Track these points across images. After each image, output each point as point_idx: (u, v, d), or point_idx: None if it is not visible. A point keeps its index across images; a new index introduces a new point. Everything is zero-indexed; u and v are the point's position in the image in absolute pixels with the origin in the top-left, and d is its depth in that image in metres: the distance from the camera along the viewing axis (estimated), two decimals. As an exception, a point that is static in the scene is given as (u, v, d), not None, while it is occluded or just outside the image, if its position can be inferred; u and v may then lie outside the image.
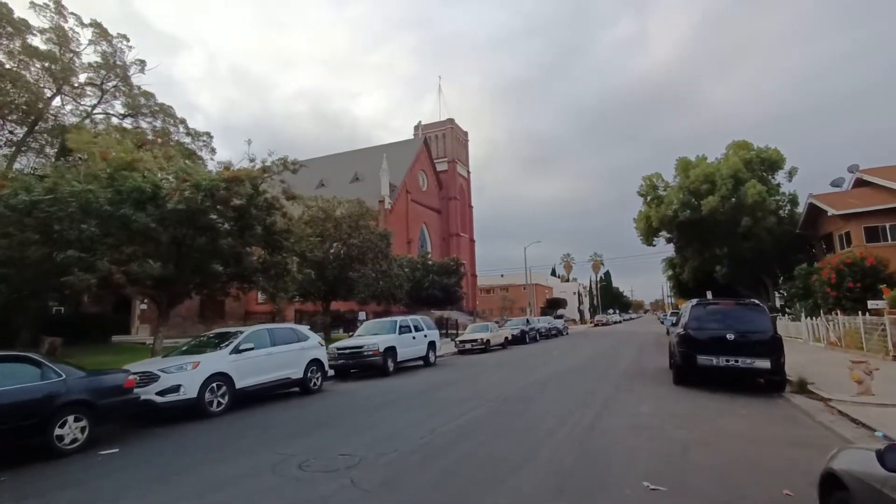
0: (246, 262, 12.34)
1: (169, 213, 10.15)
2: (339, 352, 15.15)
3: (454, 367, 17.06)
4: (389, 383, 13.29)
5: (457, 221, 59.48)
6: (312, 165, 61.04)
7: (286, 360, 11.11)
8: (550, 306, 79.11)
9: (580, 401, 8.97)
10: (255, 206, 11.71)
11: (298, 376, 11.41)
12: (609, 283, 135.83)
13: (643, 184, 32.68)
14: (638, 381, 11.58)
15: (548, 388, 10.78)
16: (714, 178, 27.33)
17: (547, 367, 15.25)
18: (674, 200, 29.75)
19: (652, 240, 33.15)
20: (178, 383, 8.65)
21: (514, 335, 29.38)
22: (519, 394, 10.14)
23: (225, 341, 10.17)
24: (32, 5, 18.17)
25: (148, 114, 19.26)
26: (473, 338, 24.53)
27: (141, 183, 10.02)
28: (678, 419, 7.27)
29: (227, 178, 11.02)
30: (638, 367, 14.57)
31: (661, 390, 10.16)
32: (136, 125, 18.91)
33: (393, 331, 16.27)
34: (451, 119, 62.17)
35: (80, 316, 23.60)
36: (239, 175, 11.29)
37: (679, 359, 10.60)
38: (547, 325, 38.04)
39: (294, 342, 11.60)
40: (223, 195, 10.85)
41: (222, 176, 11.08)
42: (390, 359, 15.44)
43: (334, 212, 26.96)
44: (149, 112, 19.25)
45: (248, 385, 9.94)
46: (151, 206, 10.10)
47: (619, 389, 10.30)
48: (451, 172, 60.54)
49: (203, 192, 10.39)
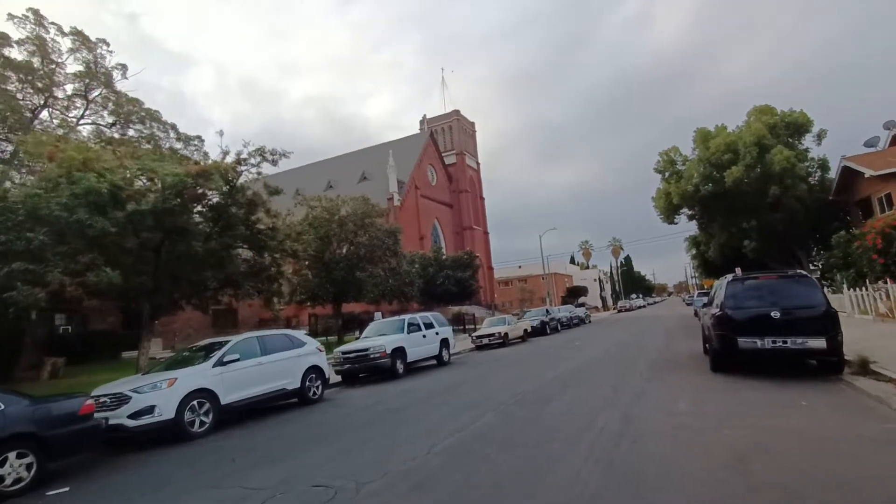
0: (230, 266, 11.42)
1: (130, 217, 9.28)
2: (344, 356, 14.24)
3: (469, 365, 16.00)
4: (397, 387, 12.31)
5: (469, 214, 58.30)
6: (320, 168, 60.65)
7: (280, 370, 10.18)
8: (571, 295, 77.48)
9: (606, 399, 7.81)
10: (234, 203, 10.81)
11: (295, 386, 10.48)
12: (630, 267, 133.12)
13: (660, 160, 31.01)
14: (670, 370, 10.35)
15: (569, 386, 9.64)
16: (736, 146, 25.61)
17: (568, 361, 14.08)
18: (694, 174, 28.10)
19: (673, 218, 31.49)
20: (152, 404, 7.76)
21: (534, 327, 28.17)
22: (536, 394, 9.02)
23: (211, 353, 9.28)
24: (11, 17, 17.65)
25: (136, 121, 18.60)
26: (490, 332, 23.43)
27: (95, 184, 9.16)
28: (724, 417, 6.08)
29: (194, 173, 10.10)
30: (668, 354, 13.30)
31: (697, 380, 8.94)
32: (123, 133, 18.29)
33: (401, 330, 15.28)
34: (456, 110, 60.89)
35: (87, 334, 23.21)
36: (207, 169, 10.35)
37: (716, 343, 9.34)
38: (568, 315, 36.69)
39: (288, 349, 10.68)
40: (192, 193, 9.93)
41: (189, 171, 10.16)
42: (399, 360, 14.45)
43: (339, 211, 26.10)
44: (136, 119, 18.60)
45: (236, 400, 9.03)
46: (113, 210, 9.26)
47: (650, 382, 9.10)
48: (459, 165, 59.32)
49: (168, 190, 9.49)
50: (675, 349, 14.23)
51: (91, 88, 18.04)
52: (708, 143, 27.21)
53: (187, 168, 10.12)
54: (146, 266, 10.31)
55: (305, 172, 58.79)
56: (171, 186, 9.56)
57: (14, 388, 15.36)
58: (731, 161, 25.57)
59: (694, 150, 29.37)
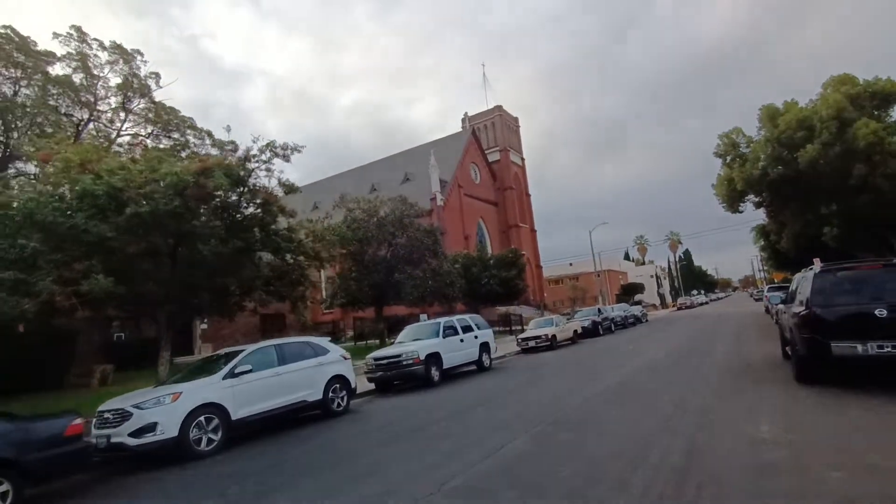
0: (244, 271, 10.85)
1: (130, 220, 8.85)
2: (375, 362, 13.46)
3: (511, 372, 14.80)
4: (430, 398, 11.35)
5: (515, 212, 56.64)
6: (364, 172, 60.99)
7: (299, 381, 9.47)
8: (626, 292, 73.99)
9: (664, 420, 6.46)
10: (247, 203, 10.25)
11: (317, 398, 9.73)
12: (690, 262, 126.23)
13: (720, 143, 28.24)
14: (743, 380, 8.75)
15: (620, 400, 8.29)
16: (811, 122, 22.73)
17: (621, 367, 12.59)
18: (760, 156, 25.27)
19: (737, 206, 28.57)
20: (154, 421, 7.19)
21: (585, 327, 26.46)
22: (578, 411, 7.76)
23: (223, 364, 8.68)
24: (56, 35, 18.31)
25: (172, 129, 18.82)
26: (537, 334, 22.02)
27: (90, 185, 8.79)
28: (828, 451, 4.63)
29: (194, 171, 9.55)
30: (739, 359, 11.54)
31: (780, 394, 7.37)
32: (157, 143, 18.58)
33: (436, 334, 14.32)
34: (498, 106, 59.40)
35: (141, 341, 23.89)
36: (208, 166, 9.79)
37: (803, 348, 7.71)
38: (622, 314, 34.52)
39: (309, 358, 9.96)
40: (194, 192, 9.39)
41: (189, 169, 9.64)
42: (434, 367, 13.50)
43: (377, 212, 25.56)
44: (173, 127, 18.81)
45: (250, 415, 8.36)
46: (115, 214, 8.91)
47: (720, 397, 7.61)
48: (503, 161, 57.80)
49: (169, 189, 8.99)
50: (747, 353, 12.41)
51: (129, 99, 18.43)
52: (776, 120, 24.39)
53: (188, 166, 9.64)
54: (158, 273, 9.93)
55: (350, 177, 59.33)
56: (171, 186, 9.08)
57: (64, 394, 15.82)
58: (804, 139, 22.72)
59: (759, 130, 26.46)
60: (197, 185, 9.15)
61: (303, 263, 12.67)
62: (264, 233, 11.22)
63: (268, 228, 11.26)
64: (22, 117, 15.57)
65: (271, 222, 11.29)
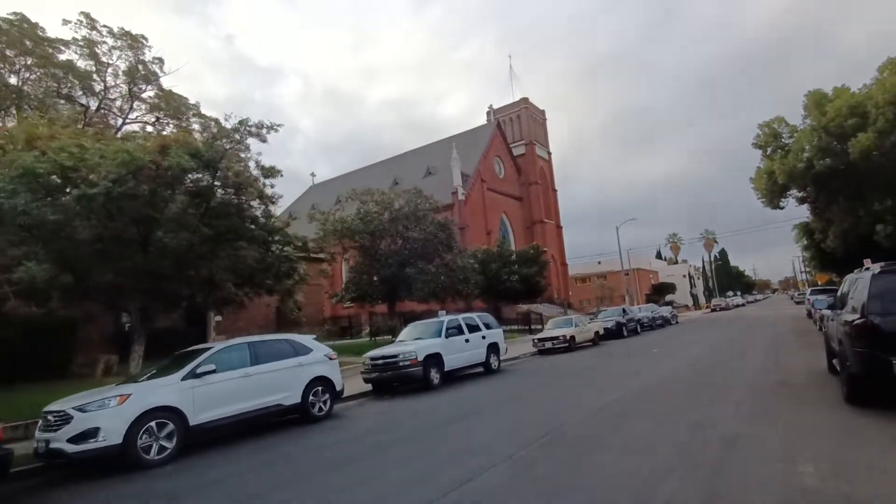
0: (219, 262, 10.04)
1: (78, 202, 8.14)
2: (371, 362, 12.58)
3: (519, 376, 13.69)
4: (423, 403, 10.40)
5: (539, 207, 55.01)
6: (387, 165, 60.42)
7: (274, 382, 8.66)
8: (656, 292, 71.28)
9: (678, 450, 5.28)
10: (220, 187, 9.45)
11: (295, 401, 8.90)
12: (726, 262, 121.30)
13: (760, 133, 26.18)
14: (780, 399, 7.41)
15: (630, 417, 7.11)
16: (865, 108, 20.60)
17: (639, 375, 11.31)
18: (805, 147, 23.21)
19: (778, 201, 26.48)
20: (96, 426, 6.46)
21: (608, 329, 24.98)
22: (581, 429, 6.63)
23: (185, 363, 7.92)
24: (66, 22, 18.11)
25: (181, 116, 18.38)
26: (554, 335, 20.74)
27: (31, 164, 8.10)
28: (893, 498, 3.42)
29: (152, 149, 8.77)
30: (776, 371, 10.10)
31: (825, 419, 6.07)
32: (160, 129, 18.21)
33: (438, 334, 13.33)
34: (524, 98, 57.77)
35: (151, 331, 23.78)
36: (166, 143, 9.00)
37: (856, 364, 6.37)
38: (650, 315, 32.70)
39: (288, 357, 9.14)
40: (149, 172, 8.61)
41: (146, 147, 8.88)
42: (434, 369, 12.53)
43: (392, 205, 24.73)
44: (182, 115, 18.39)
45: (211, 419, 7.57)
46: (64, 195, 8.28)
47: (750, 420, 6.34)
48: (529, 156, 56.18)
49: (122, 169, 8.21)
50: (786, 364, 10.92)
51: (136, 86, 18.10)
52: (824, 107, 22.30)
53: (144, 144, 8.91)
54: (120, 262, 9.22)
55: (374, 171, 58.86)
56: (124, 165, 8.31)
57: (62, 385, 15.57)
58: (856, 127, 20.63)
59: (805, 119, 24.35)
60: (154, 165, 8.38)
61: (291, 255, 11.87)
62: (239, 220, 10.42)
63: (243, 215, 10.47)
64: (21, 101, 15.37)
65: (247, 208, 10.50)
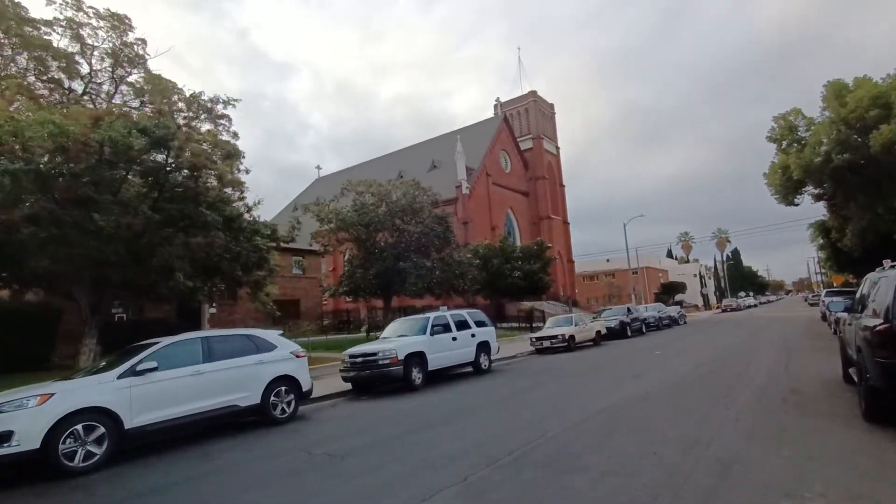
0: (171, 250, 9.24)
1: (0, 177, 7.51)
2: (351, 360, 11.85)
3: (508, 377, 12.88)
4: (400, 406, 9.67)
5: (546, 203, 53.92)
6: (392, 159, 59.64)
7: (230, 381, 7.94)
8: (665, 291, 69.93)
9: (666, 473, 4.45)
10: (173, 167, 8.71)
11: (253, 402, 8.18)
12: (738, 261, 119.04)
13: (775, 126, 24.95)
14: (787, 412, 6.53)
15: (616, 430, 6.27)
16: (888, 99, 19.35)
17: (636, 380, 10.45)
18: (823, 140, 21.99)
19: (793, 198, 25.27)
20: (9, 429, 5.77)
21: (611, 328, 24.04)
22: (559, 442, 5.82)
23: (125, 360, 7.22)
24: (50, 2, 17.54)
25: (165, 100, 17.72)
26: (553, 334, 19.88)
27: None
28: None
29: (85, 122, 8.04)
30: (787, 379, 9.18)
31: (839, 436, 5.22)
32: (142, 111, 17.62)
33: (423, 331, 12.56)
34: (532, 91, 56.57)
35: (142, 322, 23.31)
36: (99, 115, 8.27)
37: (878, 375, 5.48)
38: (656, 314, 31.70)
39: (249, 354, 8.42)
40: (78, 147, 7.88)
41: (78, 119, 8.16)
42: (416, 368, 11.76)
43: (389, 197, 23.97)
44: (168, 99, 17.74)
45: (153, 422, 6.86)
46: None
47: (753, 436, 5.48)
48: (536, 150, 55.06)
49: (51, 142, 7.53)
50: (797, 371, 9.99)
51: (122, 68, 17.48)
52: (844, 98, 21.08)
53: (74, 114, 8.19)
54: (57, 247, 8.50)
55: (379, 165, 58.15)
56: (52, 138, 7.58)
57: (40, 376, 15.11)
58: (879, 119, 19.42)
59: (823, 111, 23.12)
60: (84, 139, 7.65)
61: (261, 245, 11.15)
62: (194, 204, 9.67)
63: (199, 199, 9.72)
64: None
65: (204, 192, 9.75)
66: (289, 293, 36.09)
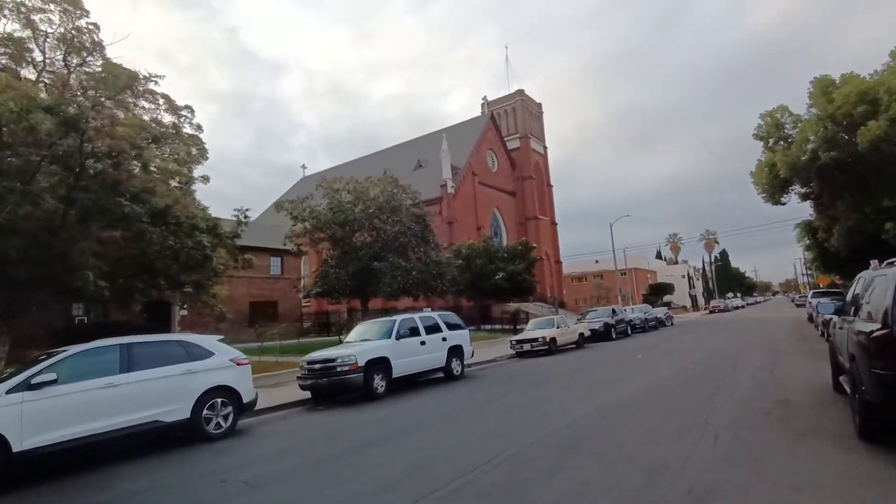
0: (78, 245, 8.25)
1: None
2: (308, 367, 10.97)
3: (481, 384, 12.09)
4: (354, 418, 8.85)
5: (534, 203, 53.28)
6: (378, 158, 58.66)
7: (153, 394, 7.05)
8: (654, 293, 69.62)
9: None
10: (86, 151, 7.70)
11: (181, 416, 7.30)
12: (726, 263, 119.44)
13: (762, 123, 24.47)
14: (772, 429, 5.78)
15: (578, 451, 5.49)
16: (875, 95, 18.90)
17: (611, 387, 9.71)
18: (810, 137, 21.52)
19: (779, 196, 24.79)
20: None
21: (595, 330, 23.33)
22: (507, 470, 5.01)
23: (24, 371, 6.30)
24: (-3, -13, 16.50)
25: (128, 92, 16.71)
26: (533, 336, 19.12)
27: None
28: None
29: None
30: (772, 387, 8.48)
31: (830, 460, 4.48)
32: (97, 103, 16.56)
33: (388, 335, 11.71)
34: (520, 90, 55.94)
35: (107, 324, 22.19)
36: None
37: (874, 388, 4.75)
38: (642, 316, 31.06)
39: (180, 362, 7.53)
40: None
41: None
42: (379, 375, 10.91)
43: (367, 194, 23.09)
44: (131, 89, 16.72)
45: (50, 444, 5.96)
46: None
47: (730, 460, 4.71)
48: (523, 149, 54.41)
49: None
50: (783, 376, 9.30)
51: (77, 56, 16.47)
52: (831, 95, 20.62)
53: None
54: None
55: (364, 163, 57.14)
56: None
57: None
58: (866, 115, 18.94)
59: (810, 108, 22.65)
60: None
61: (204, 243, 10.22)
62: (114, 195, 8.69)
63: (119, 189, 8.77)
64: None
65: (125, 180, 8.80)
66: (266, 294, 35.02)
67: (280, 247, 29.81)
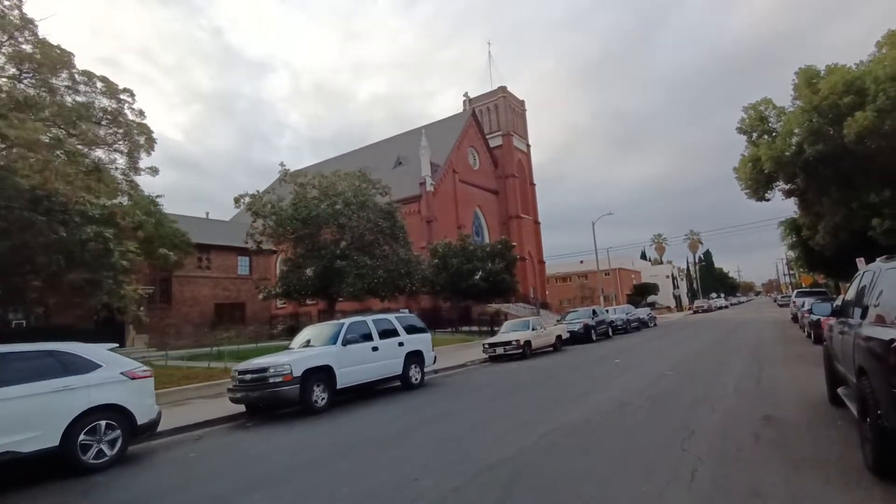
0: None
1: None
2: (239, 377, 9.64)
3: (439, 395, 10.86)
4: (277, 441, 7.56)
5: (516, 202, 52.22)
6: (357, 155, 57.18)
7: (11, 417, 5.70)
8: (638, 293, 69.15)
9: None
10: None
11: (47, 444, 5.94)
12: (710, 263, 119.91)
13: (745, 117, 23.64)
14: (763, 457, 4.62)
15: (523, 490, 4.27)
16: (862, 85, 18.10)
17: (582, 400, 8.55)
18: (794, 130, 20.67)
19: (763, 192, 23.94)
20: None
21: (574, 332, 22.27)
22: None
23: None
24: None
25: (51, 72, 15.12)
26: (507, 339, 17.98)
27: None
28: None
29: None
30: (759, 398, 7.38)
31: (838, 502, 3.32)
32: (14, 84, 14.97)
33: (334, 340, 10.42)
34: (502, 87, 54.87)
35: (48, 329, 20.55)
36: None
37: (893, 412, 3.62)
38: (625, 317, 30.15)
39: (51, 377, 6.18)
40: None
41: None
42: (320, 387, 9.61)
43: (334, 188, 21.74)
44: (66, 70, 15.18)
45: None
46: None
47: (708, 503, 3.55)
48: (506, 147, 53.35)
49: None
50: (772, 387, 8.21)
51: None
52: (817, 86, 19.80)
53: None
54: None
55: (343, 161, 55.59)
56: None
57: None
58: (853, 106, 18.10)
59: (794, 101, 21.83)
60: None
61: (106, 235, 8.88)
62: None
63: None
64: None
65: None
66: (233, 296, 33.34)
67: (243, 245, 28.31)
